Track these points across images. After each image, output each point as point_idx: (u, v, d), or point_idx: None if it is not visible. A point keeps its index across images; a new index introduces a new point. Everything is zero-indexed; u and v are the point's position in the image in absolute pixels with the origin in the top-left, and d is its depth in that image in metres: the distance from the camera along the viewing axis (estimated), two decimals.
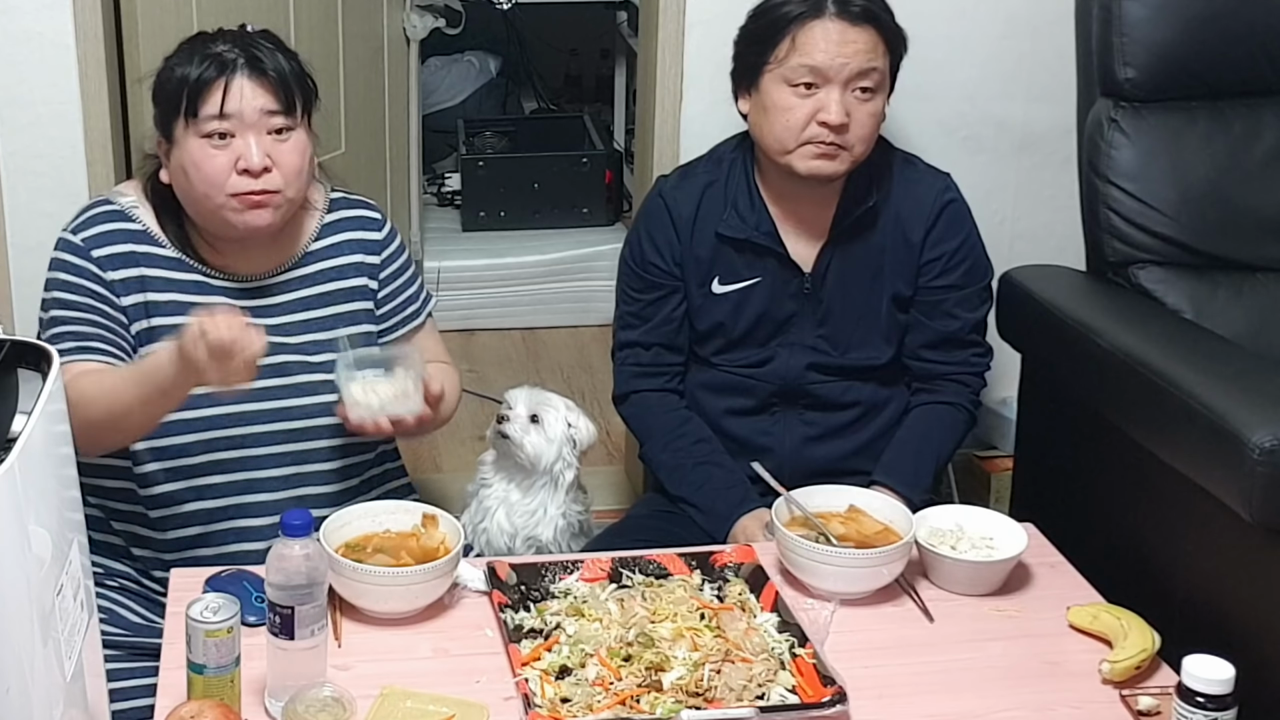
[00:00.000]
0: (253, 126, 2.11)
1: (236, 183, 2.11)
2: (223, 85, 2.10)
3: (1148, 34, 2.58)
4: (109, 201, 2.23)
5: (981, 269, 2.53)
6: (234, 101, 2.10)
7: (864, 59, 2.34)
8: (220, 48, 2.14)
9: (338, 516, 2.06)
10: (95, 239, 2.19)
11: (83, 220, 2.21)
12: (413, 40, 4.14)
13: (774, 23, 2.37)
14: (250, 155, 2.10)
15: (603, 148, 4.79)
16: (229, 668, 1.74)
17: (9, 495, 1.34)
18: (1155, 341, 2.34)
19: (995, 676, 1.95)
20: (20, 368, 1.50)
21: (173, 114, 2.13)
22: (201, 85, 2.10)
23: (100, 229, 2.19)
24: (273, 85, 2.13)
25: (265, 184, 2.12)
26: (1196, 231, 2.60)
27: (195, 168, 2.11)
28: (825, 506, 2.18)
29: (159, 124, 2.17)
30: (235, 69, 2.11)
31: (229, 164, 2.11)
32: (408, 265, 2.39)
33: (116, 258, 2.18)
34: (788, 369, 2.49)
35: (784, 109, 2.35)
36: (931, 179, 2.51)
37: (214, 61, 2.12)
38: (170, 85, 2.13)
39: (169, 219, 2.22)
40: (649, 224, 2.53)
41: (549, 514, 2.50)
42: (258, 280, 2.24)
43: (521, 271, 4.37)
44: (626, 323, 2.56)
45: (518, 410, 2.48)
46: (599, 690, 1.82)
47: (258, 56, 2.13)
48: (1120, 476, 2.42)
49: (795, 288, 2.47)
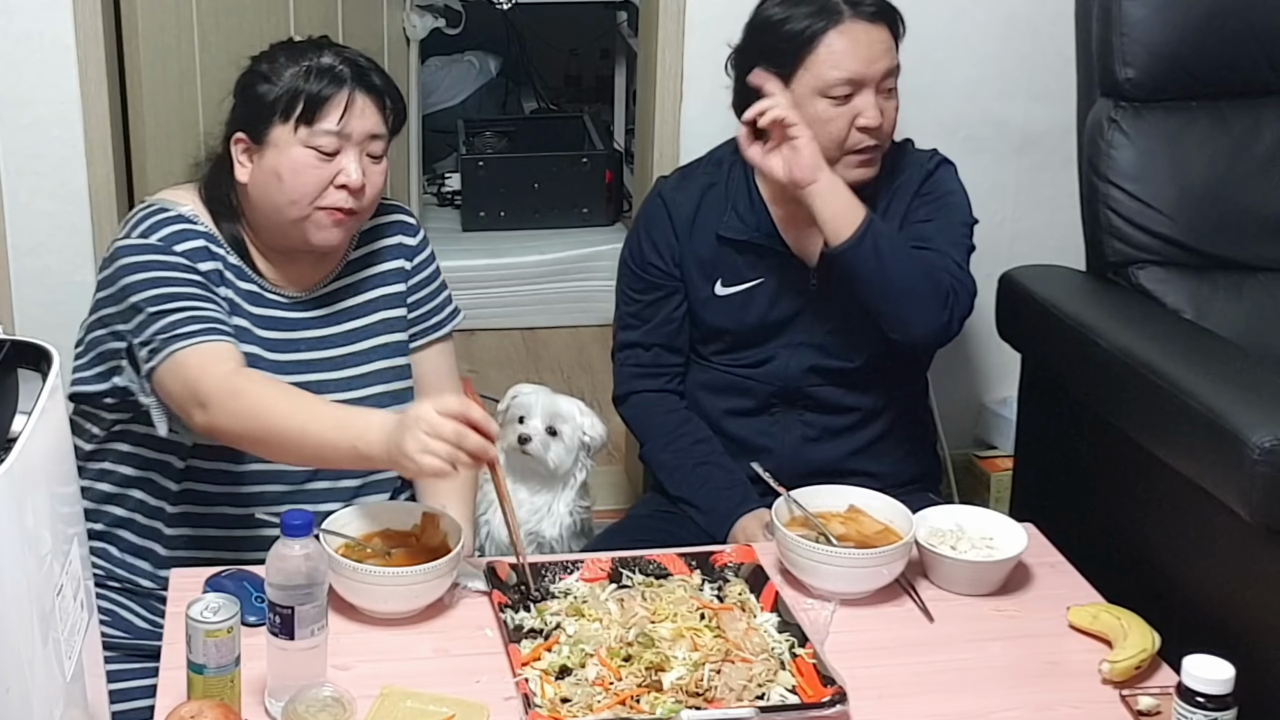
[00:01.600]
0: (357, 145, 2.12)
1: (333, 197, 2.12)
2: (344, 101, 2.10)
3: (1148, 34, 2.59)
4: (166, 208, 2.17)
5: (960, 209, 2.46)
6: (350, 119, 2.11)
7: (888, 58, 2.36)
8: (328, 59, 2.13)
9: (338, 516, 2.06)
10: (171, 237, 2.14)
11: (148, 225, 2.15)
12: (413, 40, 4.14)
13: (790, 38, 2.35)
14: (353, 174, 2.11)
15: (603, 148, 4.79)
16: (229, 668, 1.74)
17: (9, 495, 1.34)
18: (1155, 341, 2.35)
19: (995, 676, 1.95)
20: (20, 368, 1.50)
21: (275, 118, 2.11)
22: (323, 98, 2.10)
23: (171, 229, 2.15)
24: (381, 107, 2.15)
25: (356, 203, 2.13)
26: (1196, 231, 2.60)
27: (295, 175, 2.10)
28: (825, 506, 2.18)
29: (246, 124, 2.15)
30: (353, 85, 2.12)
31: (328, 178, 2.11)
32: (437, 274, 2.38)
33: (198, 252, 2.14)
34: (788, 370, 2.49)
35: (824, 120, 2.34)
36: (919, 157, 2.51)
37: (329, 75, 2.11)
38: (277, 90, 2.11)
39: (227, 226, 2.19)
40: (648, 225, 2.53)
41: (555, 512, 2.50)
42: (307, 293, 2.24)
43: (521, 271, 4.37)
44: (626, 323, 2.57)
45: (534, 424, 2.47)
46: (599, 690, 1.82)
47: (368, 75, 2.14)
48: (1120, 476, 2.42)
49: (801, 285, 2.47)
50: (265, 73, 2.15)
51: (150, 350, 2.07)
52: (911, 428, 2.56)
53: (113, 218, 2.93)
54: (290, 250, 2.19)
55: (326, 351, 2.24)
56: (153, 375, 2.07)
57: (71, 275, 2.94)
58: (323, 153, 2.11)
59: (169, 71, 3.12)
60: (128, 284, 2.10)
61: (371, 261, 2.29)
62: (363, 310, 2.27)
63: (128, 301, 2.10)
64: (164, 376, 2.06)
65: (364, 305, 2.28)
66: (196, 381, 2.02)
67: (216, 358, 2.04)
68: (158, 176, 3.14)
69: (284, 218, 2.13)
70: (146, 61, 3.07)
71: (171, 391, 2.06)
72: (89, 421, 2.23)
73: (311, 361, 2.21)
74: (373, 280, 2.29)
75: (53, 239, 2.92)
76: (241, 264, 2.19)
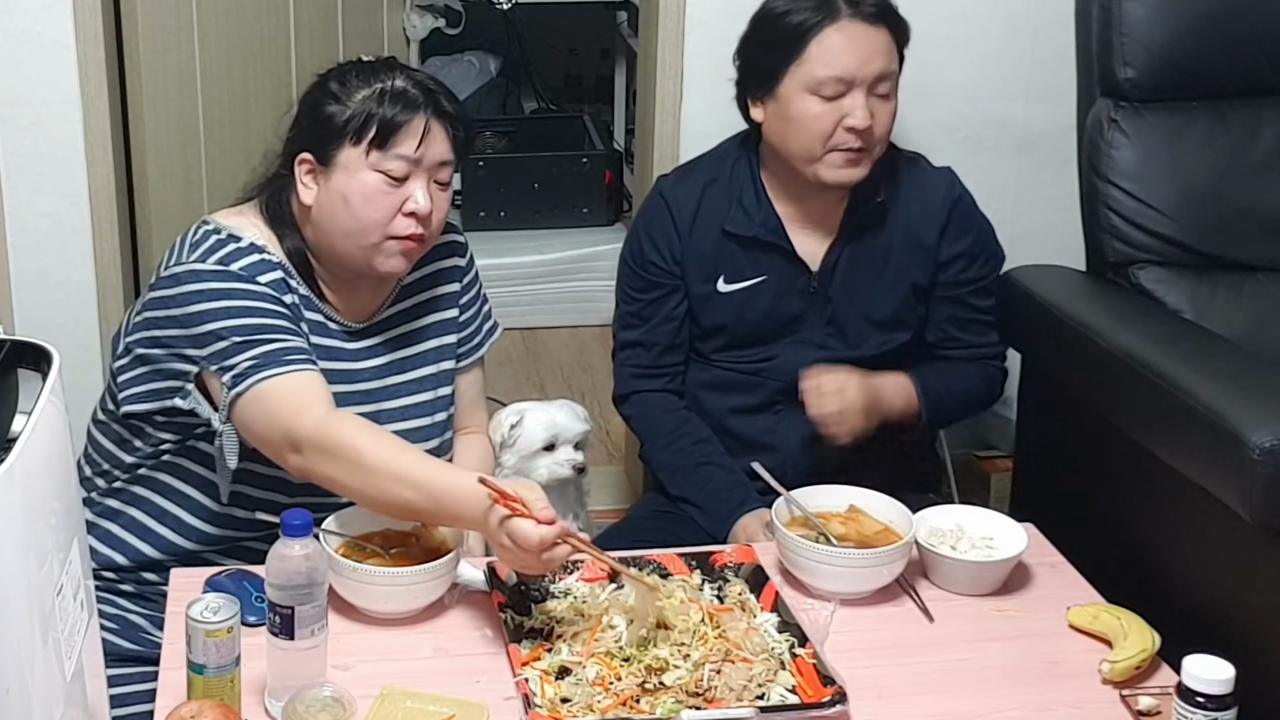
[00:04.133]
0: (427, 171, 2.08)
1: (401, 224, 2.07)
2: (418, 127, 2.05)
3: (1148, 34, 2.58)
4: (238, 236, 2.09)
5: (997, 259, 2.58)
6: (425, 146, 2.06)
7: (882, 60, 2.34)
8: (402, 82, 2.08)
9: (338, 516, 2.05)
10: (251, 268, 2.07)
11: (225, 253, 2.07)
12: (413, 40, 4.14)
13: (789, 30, 2.35)
14: (422, 201, 2.06)
15: (603, 148, 4.80)
16: (229, 668, 1.74)
17: (9, 495, 1.34)
18: (1155, 341, 2.34)
19: (995, 676, 1.95)
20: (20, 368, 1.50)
21: (344, 140, 2.05)
22: (398, 123, 2.04)
23: (249, 260, 2.07)
24: (452, 135, 2.10)
25: (424, 230, 2.10)
26: (1196, 231, 2.60)
27: (365, 201, 2.05)
28: (825, 506, 2.18)
29: (312, 144, 2.08)
30: (427, 110, 2.07)
31: (397, 204, 2.06)
32: (481, 292, 2.36)
33: (279, 284, 2.08)
34: (792, 367, 2.49)
35: (811, 117, 2.34)
36: (936, 177, 2.52)
37: (403, 99, 2.06)
38: (349, 112, 2.06)
39: (294, 252, 2.12)
40: (648, 223, 2.53)
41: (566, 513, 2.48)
42: (363, 322, 2.20)
43: (521, 271, 4.38)
44: (627, 323, 2.57)
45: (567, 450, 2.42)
46: (599, 690, 1.82)
47: (439, 99, 2.09)
48: (1120, 476, 2.42)
49: (802, 286, 2.47)
50: (336, 93, 2.09)
51: (235, 376, 1.99)
52: (912, 428, 2.56)
53: (113, 218, 2.93)
54: (351, 277, 2.15)
55: (381, 381, 2.21)
56: (235, 403, 2.00)
57: (71, 275, 2.94)
58: (392, 178, 2.06)
59: (169, 71, 3.12)
60: (204, 311, 2.02)
61: (425, 286, 2.26)
62: (417, 337, 2.25)
63: (205, 328, 2.02)
64: (249, 405, 1.99)
65: (418, 332, 2.25)
66: (289, 423, 1.96)
67: (309, 396, 1.99)
68: (158, 176, 3.15)
69: (351, 244, 2.09)
70: (146, 61, 3.07)
71: (255, 427, 2.00)
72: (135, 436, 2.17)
73: (369, 392, 2.18)
74: (426, 306, 2.26)
75: (53, 239, 2.92)
76: (310, 294, 2.14)
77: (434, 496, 1.94)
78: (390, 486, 1.94)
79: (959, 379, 2.55)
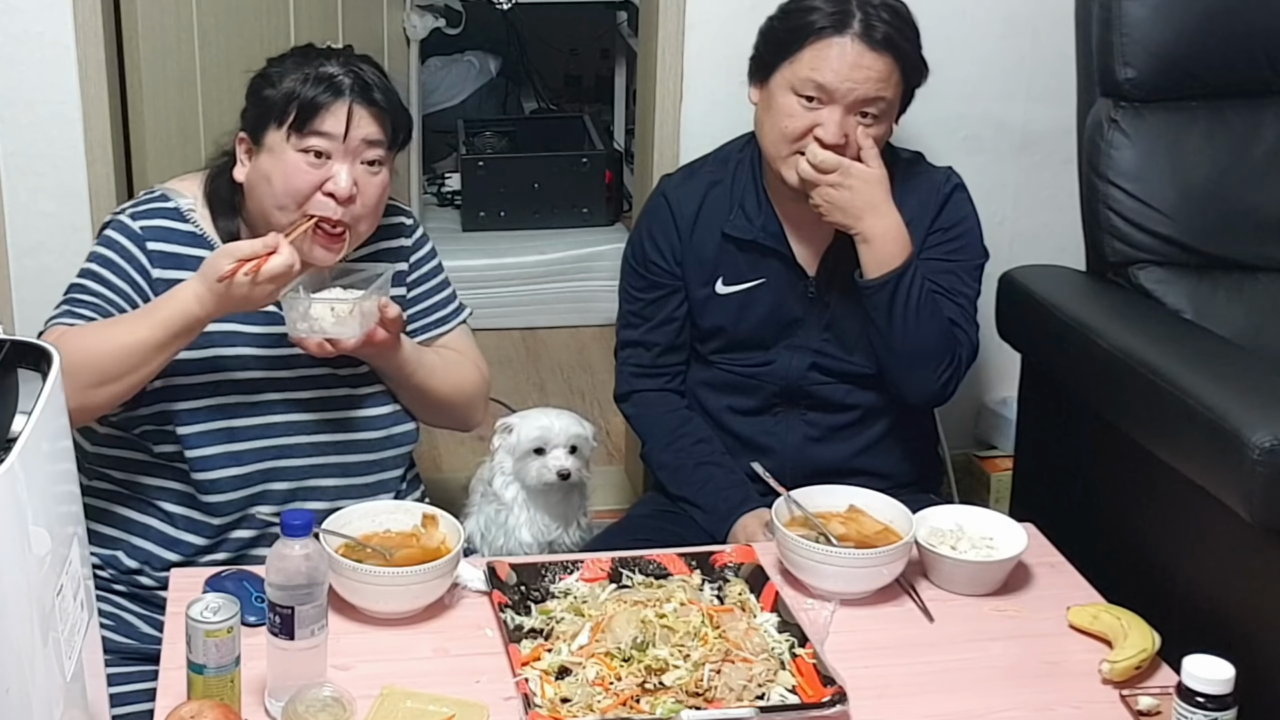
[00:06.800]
0: (351, 153, 2.11)
1: (319, 203, 2.11)
2: (338, 109, 2.10)
3: (1148, 34, 2.58)
4: (167, 198, 2.21)
5: (976, 252, 2.49)
6: (343, 127, 2.10)
7: (873, 87, 2.31)
8: (331, 68, 2.13)
9: (338, 516, 2.06)
10: (152, 231, 2.18)
11: (143, 209, 2.20)
12: (413, 40, 4.14)
13: (798, 28, 2.34)
14: (342, 182, 2.10)
15: (603, 148, 4.79)
16: (229, 668, 1.74)
17: (9, 495, 1.34)
18: (1155, 341, 2.34)
19: (995, 676, 1.95)
20: (20, 368, 1.50)
21: (272, 122, 2.12)
22: (317, 105, 2.09)
23: (159, 223, 2.18)
24: (381, 116, 2.14)
25: (345, 214, 2.12)
26: (1196, 231, 2.60)
27: (284, 179, 2.11)
28: (825, 506, 2.18)
29: (249, 125, 2.16)
30: (349, 94, 2.11)
31: (317, 183, 2.11)
32: (436, 271, 2.38)
33: (168, 256, 2.17)
34: (790, 369, 2.48)
35: (786, 114, 2.34)
36: (934, 175, 2.51)
37: (327, 83, 2.11)
38: (277, 95, 2.12)
39: (224, 223, 2.20)
40: (650, 222, 2.53)
41: (574, 518, 2.48)
42: None
43: (521, 271, 4.37)
44: (628, 322, 2.57)
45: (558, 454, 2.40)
46: (599, 690, 1.82)
47: (367, 84, 2.13)
48: (1120, 476, 2.42)
49: (800, 291, 2.47)
50: (271, 76, 2.15)
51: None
52: (912, 428, 2.56)
53: None
54: None
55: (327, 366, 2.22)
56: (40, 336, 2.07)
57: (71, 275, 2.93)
58: (313, 158, 2.10)
59: (169, 71, 3.12)
60: (90, 251, 2.18)
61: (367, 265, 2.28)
62: None
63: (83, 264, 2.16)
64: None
65: None
66: None
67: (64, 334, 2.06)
68: (158, 176, 3.13)
69: (275, 221, 2.13)
70: (146, 61, 3.07)
71: None
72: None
73: (306, 358, 2.19)
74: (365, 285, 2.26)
75: (53, 239, 2.91)
76: None
77: (148, 310, 2.05)
78: (114, 334, 2.03)
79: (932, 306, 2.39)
